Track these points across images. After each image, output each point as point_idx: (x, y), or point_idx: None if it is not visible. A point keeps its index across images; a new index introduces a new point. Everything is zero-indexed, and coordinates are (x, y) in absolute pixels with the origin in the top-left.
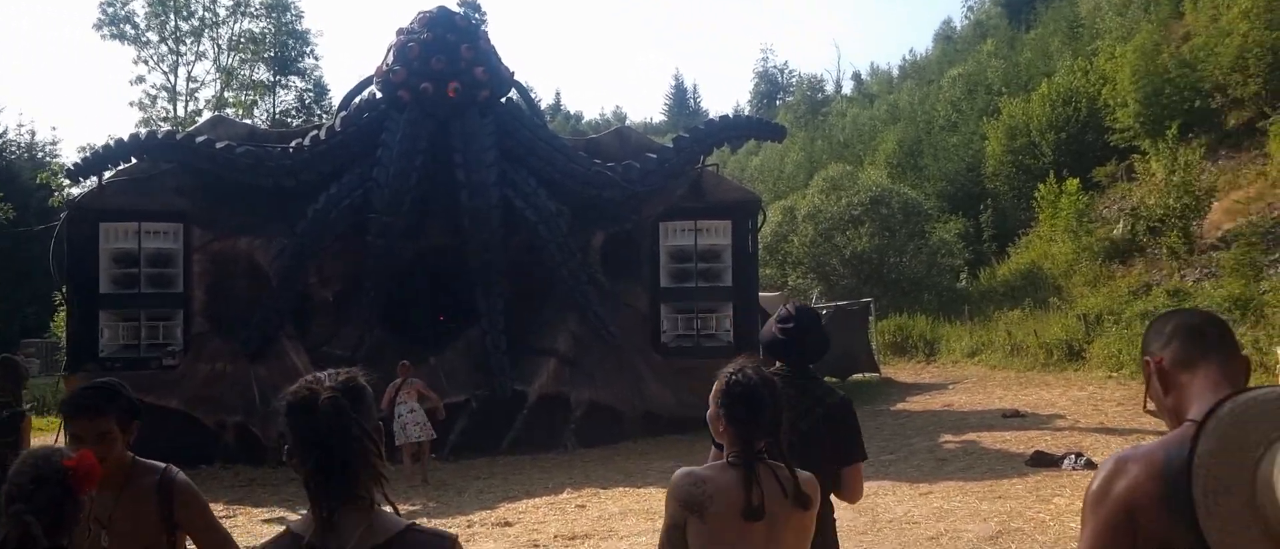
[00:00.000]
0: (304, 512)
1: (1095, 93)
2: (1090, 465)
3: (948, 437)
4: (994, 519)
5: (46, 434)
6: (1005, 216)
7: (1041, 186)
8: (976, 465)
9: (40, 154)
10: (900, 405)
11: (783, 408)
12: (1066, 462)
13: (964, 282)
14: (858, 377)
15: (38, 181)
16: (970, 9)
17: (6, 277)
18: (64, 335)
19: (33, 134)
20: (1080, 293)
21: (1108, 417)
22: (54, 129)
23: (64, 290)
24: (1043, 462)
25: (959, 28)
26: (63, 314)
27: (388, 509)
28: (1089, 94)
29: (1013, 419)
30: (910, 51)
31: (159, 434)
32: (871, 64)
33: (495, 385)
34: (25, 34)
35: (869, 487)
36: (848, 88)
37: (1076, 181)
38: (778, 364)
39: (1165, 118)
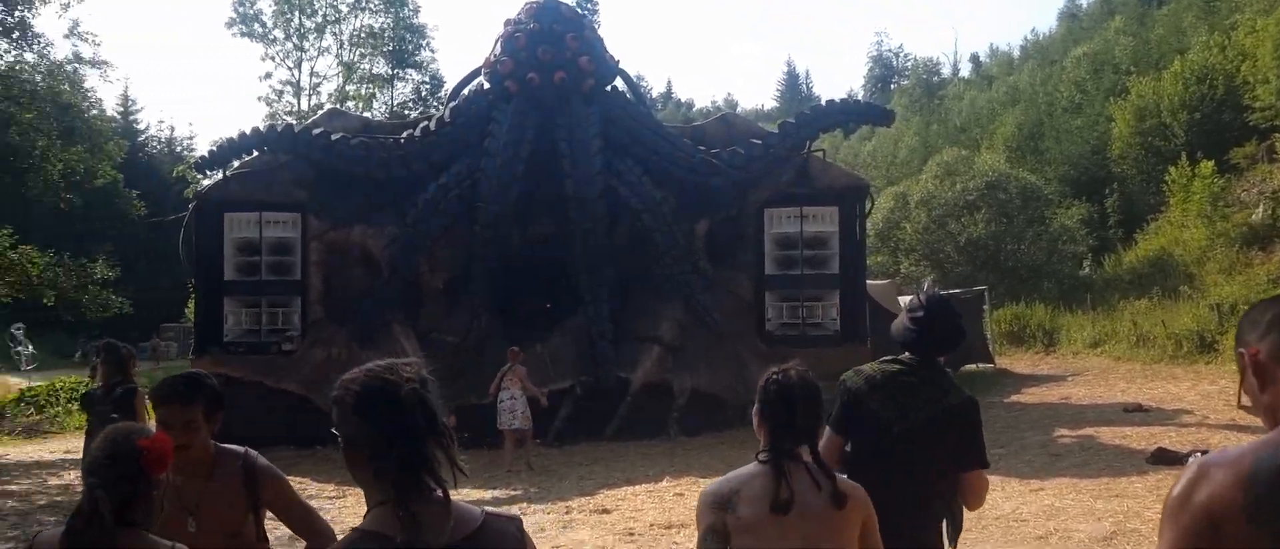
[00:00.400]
0: (374, 510)
1: (1233, 70)
2: None
3: (1063, 431)
4: (1109, 519)
5: None
6: (1132, 201)
7: (1172, 169)
8: (1093, 462)
9: (178, 149)
10: (1015, 397)
11: (820, 411)
12: (1191, 459)
13: (1087, 269)
14: (971, 367)
15: (174, 175)
16: None
17: (147, 265)
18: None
19: (172, 130)
20: (1214, 281)
21: (1239, 413)
22: (191, 125)
23: (191, 276)
24: (1165, 459)
25: (1085, 5)
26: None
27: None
28: (1226, 71)
29: (1135, 414)
30: (1032, 31)
31: (278, 416)
32: (990, 45)
33: (599, 373)
34: (164, 35)
35: None
36: (965, 70)
37: (1211, 164)
38: (906, 354)
39: None
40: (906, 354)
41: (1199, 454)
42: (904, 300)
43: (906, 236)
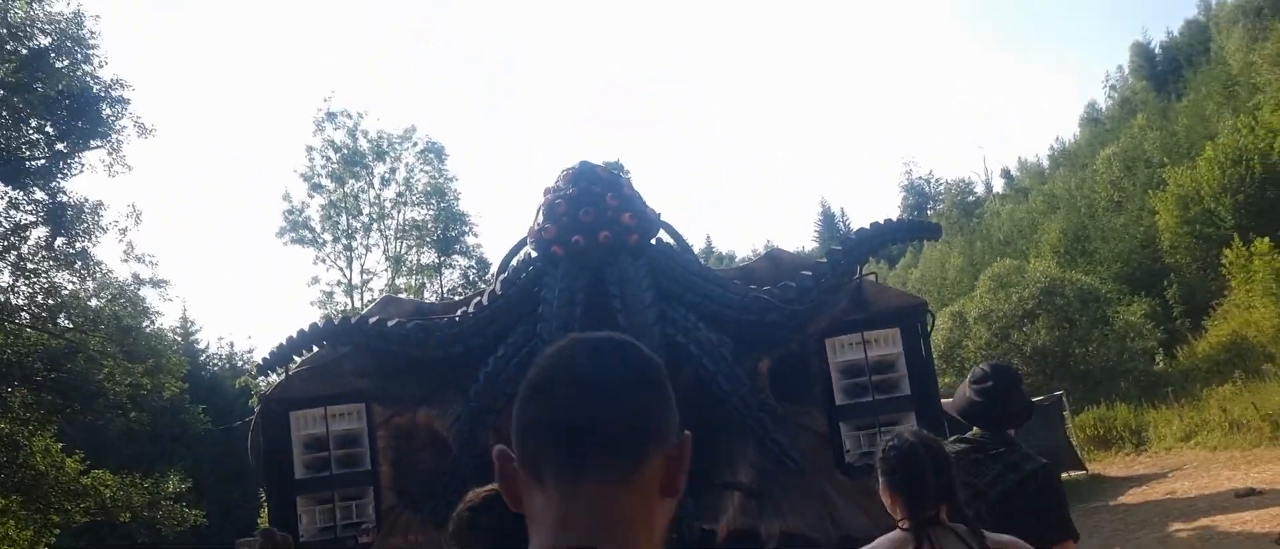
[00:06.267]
0: None
1: (1266, 148)
2: None
3: (1178, 524)
4: None
5: None
6: (1192, 290)
7: (1227, 252)
8: None
9: (239, 363)
10: (1117, 500)
11: (951, 469)
12: None
13: (1161, 363)
14: (1063, 475)
15: (237, 387)
16: (1113, 88)
17: (217, 481)
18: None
19: (231, 345)
20: None
21: None
22: (249, 337)
23: (262, 479)
24: None
25: (1104, 108)
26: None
27: None
28: (1260, 150)
29: (1249, 498)
30: (1057, 140)
31: None
32: (1019, 158)
33: (681, 527)
34: (215, 254)
35: None
36: (998, 185)
37: (1267, 241)
38: (974, 430)
39: None
40: (974, 430)
41: None
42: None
43: (970, 354)
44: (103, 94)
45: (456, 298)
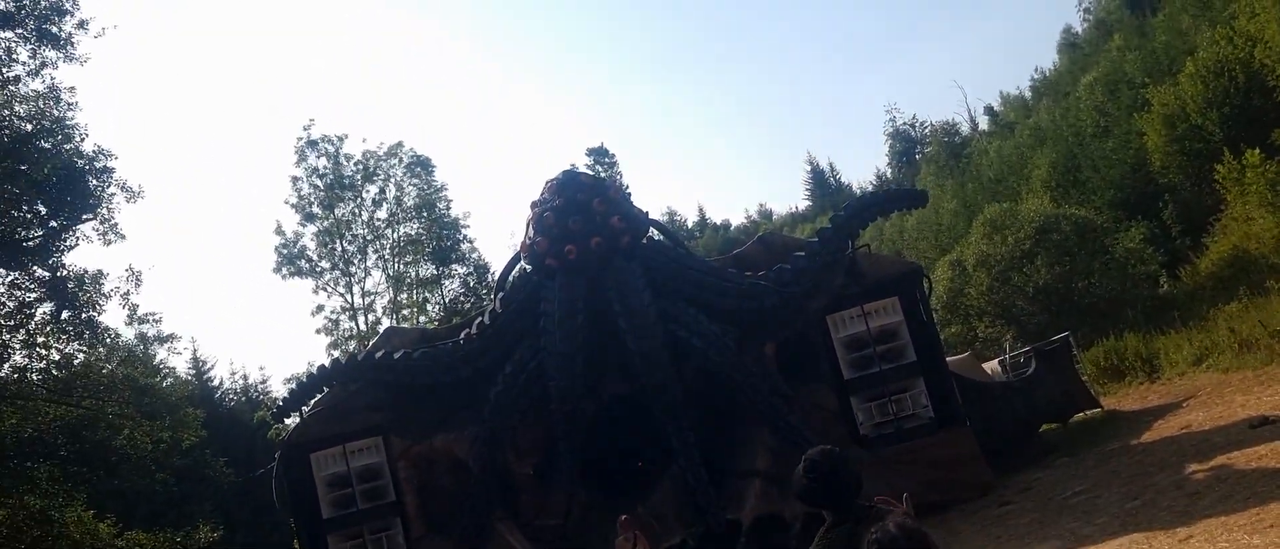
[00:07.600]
0: None
1: (1247, 57)
2: None
3: (1194, 465)
4: None
5: None
6: (1189, 208)
7: (1219, 167)
8: (1236, 493)
9: (254, 395)
10: (1133, 439)
11: None
12: None
13: (1165, 286)
14: (1079, 416)
15: (255, 421)
16: (1087, 10)
17: (245, 513)
18: None
19: (245, 378)
20: None
21: None
22: (262, 368)
23: (292, 522)
24: None
25: (1081, 32)
26: None
27: None
28: (1241, 59)
29: (1263, 428)
30: (1037, 69)
31: None
32: (1001, 93)
33: (707, 519)
34: (221, 289)
35: (1117, 544)
36: (983, 122)
37: (1257, 152)
38: (823, 513)
39: None
40: (824, 513)
41: None
42: (989, 366)
43: (973, 301)
44: (87, 167)
45: (462, 305)
